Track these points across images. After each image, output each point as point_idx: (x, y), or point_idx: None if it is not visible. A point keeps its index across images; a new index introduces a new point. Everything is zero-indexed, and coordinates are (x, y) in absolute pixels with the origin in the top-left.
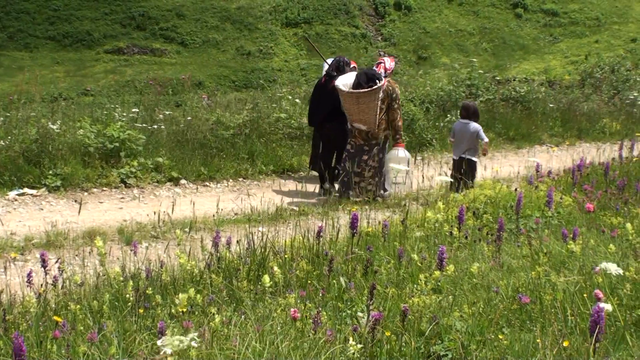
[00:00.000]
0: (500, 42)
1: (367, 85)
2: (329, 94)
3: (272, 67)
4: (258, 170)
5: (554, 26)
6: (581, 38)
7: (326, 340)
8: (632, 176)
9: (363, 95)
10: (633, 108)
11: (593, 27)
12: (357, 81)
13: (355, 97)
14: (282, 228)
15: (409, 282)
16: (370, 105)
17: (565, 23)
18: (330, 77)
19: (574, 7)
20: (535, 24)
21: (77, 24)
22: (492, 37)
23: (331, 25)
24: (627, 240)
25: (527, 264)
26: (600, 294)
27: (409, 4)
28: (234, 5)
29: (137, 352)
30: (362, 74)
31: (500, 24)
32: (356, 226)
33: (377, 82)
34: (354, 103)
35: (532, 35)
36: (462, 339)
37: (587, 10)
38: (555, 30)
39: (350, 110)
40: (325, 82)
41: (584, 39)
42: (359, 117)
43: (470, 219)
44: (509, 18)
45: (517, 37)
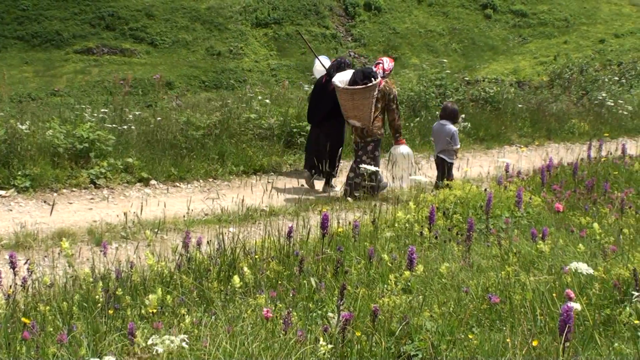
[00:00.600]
0: (469, 42)
1: (362, 82)
2: (327, 94)
3: (242, 67)
4: (228, 171)
5: (523, 27)
6: (550, 39)
7: (297, 341)
8: (600, 176)
9: (358, 92)
10: (601, 109)
11: (562, 28)
12: (353, 78)
13: (350, 94)
14: (253, 228)
15: (380, 282)
16: (365, 102)
17: (534, 24)
18: (331, 77)
19: (543, 8)
20: (505, 24)
21: (46, 24)
22: (461, 38)
23: (301, 26)
24: (595, 240)
25: (497, 264)
26: (571, 294)
27: (379, 5)
28: (204, 6)
29: (107, 353)
30: (358, 71)
31: (470, 25)
32: (326, 226)
33: (373, 79)
34: (348, 99)
35: (501, 36)
36: (433, 338)
37: (556, 12)
38: (525, 31)
39: (345, 106)
40: (326, 81)
41: (553, 40)
42: (354, 114)
43: (440, 219)
44: (478, 19)
45: (487, 38)
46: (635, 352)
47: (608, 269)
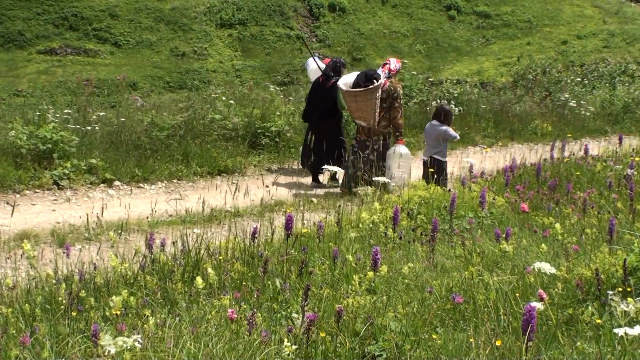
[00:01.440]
0: (433, 43)
1: (364, 85)
2: (326, 93)
3: (206, 68)
4: (193, 172)
5: (486, 28)
6: (513, 40)
7: (261, 342)
8: (563, 177)
9: (360, 94)
10: (564, 109)
11: (525, 29)
12: (356, 81)
13: (353, 96)
14: (217, 229)
15: (344, 282)
16: (368, 103)
17: (498, 25)
18: (328, 77)
19: (506, 9)
20: (468, 25)
21: (8, 24)
22: (425, 39)
23: (266, 27)
24: (557, 240)
25: (461, 264)
26: (543, 294)
27: (343, 6)
28: (168, 6)
29: (71, 355)
30: (362, 74)
31: (434, 26)
32: (291, 227)
33: (375, 82)
34: (352, 101)
35: (465, 37)
36: (397, 339)
37: (519, 13)
38: (488, 32)
39: (350, 107)
40: (323, 81)
41: (516, 41)
42: (359, 114)
43: (404, 220)
44: (442, 20)
45: (451, 39)
46: (597, 351)
47: (570, 269)
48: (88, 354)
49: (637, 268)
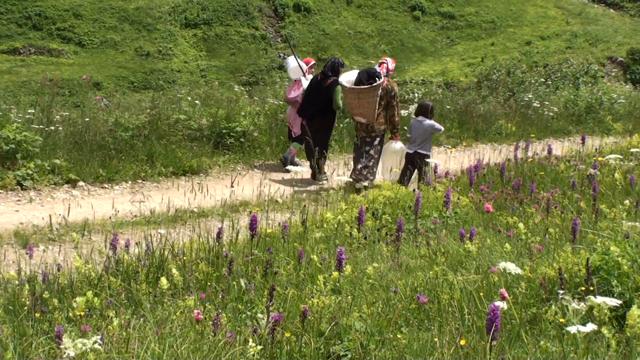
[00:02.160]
0: (398, 44)
1: (367, 82)
2: (322, 91)
3: (171, 68)
4: (157, 172)
5: (451, 29)
6: (477, 40)
7: (226, 342)
8: (526, 176)
9: (363, 91)
10: (528, 110)
11: (489, 30)
12: (358, 78)
13: (356, 93)
14: (182, 230)
15: (309, 282)
16: (370, 100)
17: (462, 26)
18: (326, 75)
19: (471, 10)
20: (433, 26)
21: None
22: (390, 39)
23: (230, 27)
24: (521, 240)
25: (425, 264)
26: (505, 293)
27: (308, 6)
28: (133, 6)
29: (34, 356)
30: (363, 72)
31: (399, 26)
32: (255, 227)
33: (377, 79)
34: (355, 98)
35: (429, 38)
36: (362, 338)
37: (483, 14)
38: (452, 32)
39: (352, 104)
40: (321, 79)
41: (480, 42)
42: (359, 111)
43: (369, 220)
44: (407, 20)
45: (415, 40)
46: (560, 349)
47: (534, 268)
48: (52, 356)
49: (599, 267)
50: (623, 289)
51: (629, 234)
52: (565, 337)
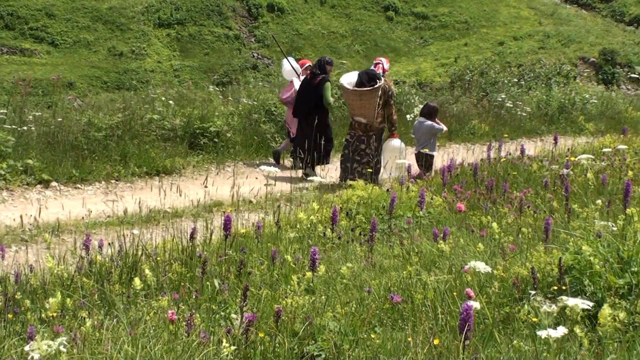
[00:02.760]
0: (372, 44)
1: (369, 84)
2: (313, 90)
3: (144, 68)
4: (131, 172)
5: (424, 29)
6: (451, 41)
7: (200, 343)
8: (499, 176)
9: (365, 93)
10: (501, 110)
11: (462, 30)
12: (359, 80)
13: (358, 94)
14: (156, 230)
15: (283, 283)
16: (371, 101)
17: (435, 26)
18: (315, 74)
19: (444, 10)
20: (406, 26)
21: None
22: (364, 40)
23: (204, 27)
24: (494, 240)
25: (399, 264)
26: (471, 293)
27: (281, 6)
28: (106, 6)
29: (6, 357)
30: (363, 73)
31: (372, 27)
32: (229, 228)
33: (378, 81)
34: (356, 99)
35: (403, 38)
36: (335, 338)
37: (457, 14)
38: (426, 33)
39: (353, 105)
40: (311, 78)
41: (454, 42)
42: (361, 112)
43: (343, 220)
44: (380, 21)
45: (389, 40)
46: (533, 349)
47: (507, 268)
48: (24, 357)
49: (572, 267)
50: (595, 289)
51: (601, 234)
52: (538, 337)
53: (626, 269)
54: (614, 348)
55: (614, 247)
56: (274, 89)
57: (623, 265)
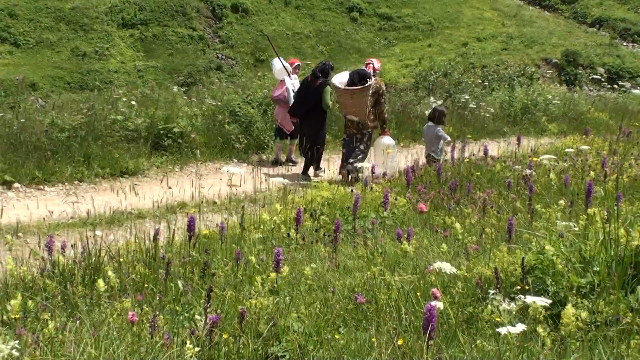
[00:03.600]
0: (336, 45)
1: (359, 83)
2: (313, 92)
3: (108, 68)
4: (94, 173)
5: (388, 30)
6: (415, 42)
7: (163, 344)
8: (463, 177)
9: (356, 92)
10: (465, 111)
11: (426, 31)
12: (350, 79)
13: (350, 93)
14: (120, 231)
15: (247, 284)
16: (362, 100)
17: (399, 27)
18: (316, 77)
19: (408, 11)
20: (370, 27)
21: None
22: (328, 40)
23: (168, 27)
24: (458, 240)
25: (363, 264)
26: (437, 293)
27: (246, 7)
28: (69, 6)
29: None
30: (355, 73)
31: (336, 28)
32: (193, 229)
33: (368, 80)
34: (348, 98)
35: (367, 39)
36: (300, 339)
37: (420, 15)
38: (390, 34)
39: (345, 104)
40: (311, 80)
41: (418, 43)
42: (352, 110)
43: (307, 221)
44: (344, 22)
45: (353, 41)
46: (496, 348)
47: (470, 268)
48: None
49: (534, 267)
50: (558, 288)
51: (563, 234)
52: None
53: (588, 268)
54: (576, 347)
55: (576, 247)
56: (238, 90)
57: (585, 265)
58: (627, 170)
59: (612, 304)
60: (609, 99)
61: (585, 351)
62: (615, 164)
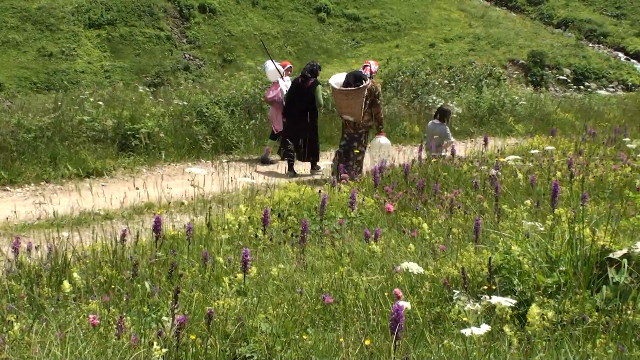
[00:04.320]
0: (304, 45)
1: (355, 84)
2: (304, 93)
3: (75, 68)
4: (61, 174)
5: (356, 31)
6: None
7: (130, 345)
8: (430, 177)
9: (351, 93)
10: (431, 111)
11: (394, 32)
12: (346, 81)
13: (345, 94)
14: (87, 232)
15: (214, 284)
16: (357, 100)
17: (367, 28)
18: (306, 78)
19: (375, 12)
20: (338, 28)
21: None
22: (296, 41)
23: (135, 27)
24: (425, 240)
25: (331, 265)
26: (399, 293)
27: (213, 7)
28: (35, 5)
29: None
30: (350, 75)
31: (304, 28)
32: (159, 229)
33: (364, 82)
34: (343, 98)
35: (335, 40)
36: (267, 340)
37: (388, 16)
38: (358, 34)
39: (340, 104)
40: (302, 82)
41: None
42: (348, 110)
43: (275, 221)
44: (312, 22)
45: (321, 41)
46: (463, 348)
47: (438, 268)
48: None
49: (501, 266)
50: (524, 288)
51: (529, 234)
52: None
53: (554, 268)
54: (542, 347)
55: (542, 246)
56: (205, 90)
57: (551, 265)
58: (592, 171)
59: (578, 304)
60: (575, 99)
61: (552, 350)
62: (581, 165)
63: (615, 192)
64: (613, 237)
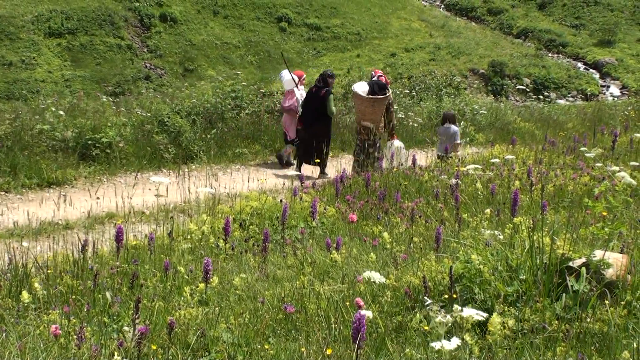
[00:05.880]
0: (265, 55)
1: (380, 93)
2: (318, 101)
3: (35, 77)
4: (21, 184)
5: (317, 40)
6: (343, 52)
7: (91, 356)
8: (391, 186)
9: (378, 100)
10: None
11: (355, 41)
12: (371, 89)
13: (372, 102)
14: (47, 242)
15: (176, 294)
16: (381, 107)
17: (328, 37)
18: (319, 87)
19: (336, 22)
20: (299, 37)
21: None
22: (257, 50)
23: (96, 36)
24: (386, 249)
25: (293, 274)
26: (361, 302)
27: (174, 16)
28: None
29: None
30: (374, 84)
31: (265, 38)
32: (121, 239)
33: (387, 91)
34: (369, 106)
35: (296, 49)
36: (229, 350)
37: (349, 25)
38: (319, 44)
39: (365, 111)
40: (316, 91)
41: (346, 53)
42: (370, 117)
43: (237, 231)
44: (273, 32)
45: (282, 50)
46: (425, 357)
47: (399, 277)
48: None
49: (462, 275)
50: (485, 296)
51: (489, 242)
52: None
53: (515, 276)
54: (503, 355)
55: (502, 255)
56: (166, 100)
57: (512, 273)
58: (552, 180)
59: (539, 312)
60: (534, 109)
61: (513, 358)
62: (541, 174)
63: (574, 201)
64: (572, 246)
